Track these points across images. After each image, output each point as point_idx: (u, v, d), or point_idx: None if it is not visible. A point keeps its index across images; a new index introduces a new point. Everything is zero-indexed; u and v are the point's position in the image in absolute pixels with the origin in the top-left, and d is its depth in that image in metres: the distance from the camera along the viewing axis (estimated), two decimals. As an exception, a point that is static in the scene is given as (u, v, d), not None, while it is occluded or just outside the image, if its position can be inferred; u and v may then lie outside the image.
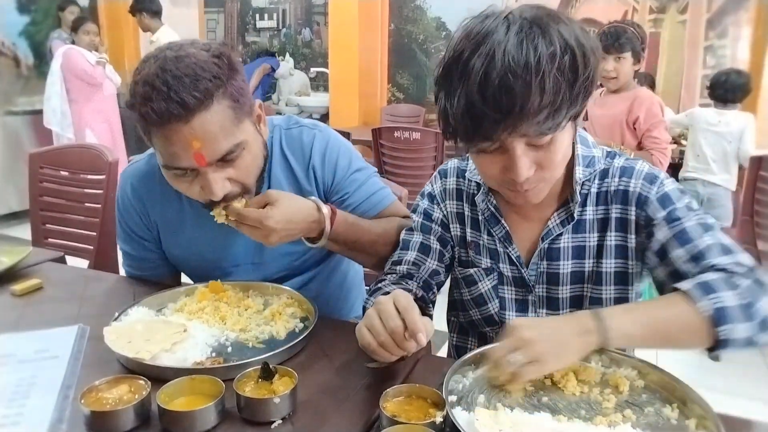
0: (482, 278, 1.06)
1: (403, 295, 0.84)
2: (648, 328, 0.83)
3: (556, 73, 0.78)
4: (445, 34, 5.41)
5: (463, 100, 0.80)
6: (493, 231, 1.04)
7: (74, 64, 4.23)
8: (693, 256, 0.89)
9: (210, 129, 0.92)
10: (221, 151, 0.95)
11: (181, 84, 0.89)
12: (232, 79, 0.96)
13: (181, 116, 0.89)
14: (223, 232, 1.12)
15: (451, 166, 1.12)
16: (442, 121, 0.87)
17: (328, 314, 1.31)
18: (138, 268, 1.29)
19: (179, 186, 1.01)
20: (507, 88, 0.77)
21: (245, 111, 0.99)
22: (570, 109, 0.82)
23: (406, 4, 5.53)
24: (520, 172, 0.84)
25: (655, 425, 0.76)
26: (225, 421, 0.77)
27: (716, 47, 4.37)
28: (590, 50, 0.81)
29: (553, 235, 1.00)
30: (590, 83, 0.82)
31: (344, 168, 1.18)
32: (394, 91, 5.74)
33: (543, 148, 0.85)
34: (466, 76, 0.80)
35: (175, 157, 0.94)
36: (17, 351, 0.94)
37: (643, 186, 0.96)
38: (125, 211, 1.22)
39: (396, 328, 0.79)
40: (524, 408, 0.79)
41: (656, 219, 0.93)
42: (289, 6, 6.15)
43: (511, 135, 0.81)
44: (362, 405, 0.82)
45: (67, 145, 3.78)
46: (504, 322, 1.06)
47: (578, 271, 1.00)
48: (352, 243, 1.13)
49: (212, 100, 0.92)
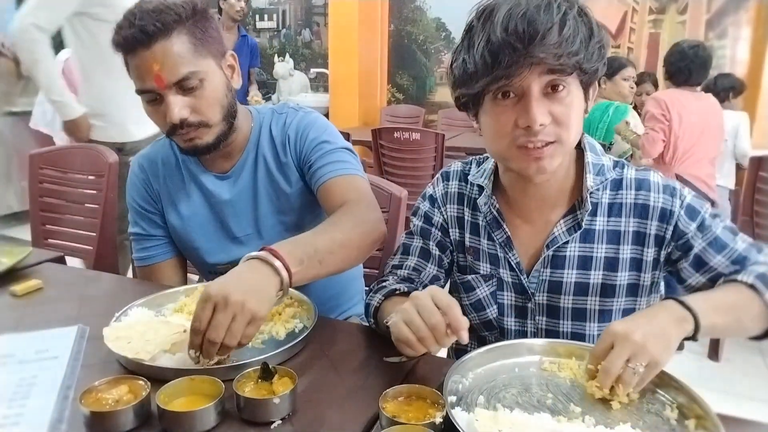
0: (480, 285, 1.05)
1: (440, 291, 0.83)
2: (728, 316, 0.87)
3: (576, 17, 0.84)
4: (444, 35, 5.41)
5: (484, 41, 0.84)
6: (494, 235, 1.03)
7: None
8: (734, 260, 0.94)
9: (168, 54, 1.07)
10: (178, 75, 1.08)
11: (147, 15, 1.06)
12: (197, 21, 1.12)
13: (143, 42, 1.06)
14: (221, 204, 1.27)
15: (454, 169, 1.11)
16: (458, 75, 0.90)
17: (327, 301, 1.35)
18: (147, 251, 1.33)
19: (152, 114, 1.15)
20: (530, 21, 0.81)
21: (209, 50, 1.13)
22: (585, 61, 0.85)
23: (406, 5, 5.54)
24: (536, 116, 0.85)
25: (655, 425, 0.76)
26: (225, 421, 0.77)
27: (716, 47, 4.37)
28: (601, 29, 0.88)
29: (559, 242, 0.99)
30: (602, 47, 0.87)
31: (313, 139, 1.25)
32: (393, 92, 5.75)
33: (557, 99, 0.87)
34: (489, 23, 0.84)
35: (141, 80, 1.10)
36: (17, 351, 0.94)
37: (665, 200, 0.96)
38: (133, 187, 1.33)
39: (438, 324, 0.79)
40: (524, 408, 0.79)
41: (689, 232, 0.95)
42: (288, 7, 6.15)
43: (531, 68, 0.83)
44: (362, 405, 0.82)
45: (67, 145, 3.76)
46: (503, 327, 1.05)
47: (583, 281, 0.99)
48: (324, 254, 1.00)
49: (172, 31, 1.08)
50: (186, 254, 1.36)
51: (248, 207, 1.28)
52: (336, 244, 1.02)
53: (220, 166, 1.27)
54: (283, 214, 1.28)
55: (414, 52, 5.59)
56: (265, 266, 0.90)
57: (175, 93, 1.10)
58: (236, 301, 0.83)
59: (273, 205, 1.28)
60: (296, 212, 1.28)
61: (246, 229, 1.28)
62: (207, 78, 1.12)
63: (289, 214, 1.27)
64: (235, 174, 1.27)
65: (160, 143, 1.33)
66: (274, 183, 1.27)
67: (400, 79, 5.70)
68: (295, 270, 0.92)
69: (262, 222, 1.28)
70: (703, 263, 0.95)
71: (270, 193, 1.27)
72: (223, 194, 1.27)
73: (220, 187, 1.27)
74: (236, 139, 1.24)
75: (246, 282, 0.87)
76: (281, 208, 1.28)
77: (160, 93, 1.09)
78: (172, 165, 1.31)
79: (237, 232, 1.28)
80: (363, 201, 1.15)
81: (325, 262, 0.99)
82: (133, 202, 1.33)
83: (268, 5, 6.24)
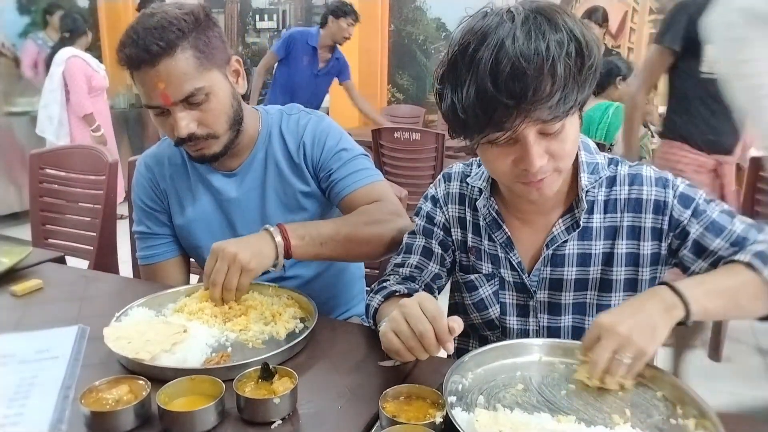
0: (483, 284, 1.06)
1: (428, 299, 0.84)
2: (721, 299, 0.87)
3: (566, 58, 0.79)
4: (444, 35, 5.41)
5: (473, 91, 0.80)
6: (495, 236, 1.04)
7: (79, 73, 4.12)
8: (734, 241, 0.93)
9: (173, 73, 1.07)
10: (183, 92, 1.09)
11: (149, 34, 1.06)
12: (200, 33, 1.11)
13: (147, 61, 1.07)
14: (227, 202, 1.29)
15: (456, 170, 1.12)
16: (450, 116, 0.86)
17: (328, 300, 1.37)
18: (151, 249, 1.33)
19: (160, 125, 1.17)
20: (519, 75, 0.78)
21: (213, 62, 1.13)
22: (579, 94, 0.83)
23: (406, 5, 5.54)
24: (534, 160, 0.84)
25: (655, 425, 0.76)
26: (225, 421, 0.78)
27: (716, 48, 4.37)
28: (592, 41, 0.83)
29: (558, 241, 0.99)
30: (595, 70, 0.84)
31: (331, 147, 1.26)
32: (393, 92, 5.75)
33: (554, 136, 0.85)
34: (474, 66, 0.80)
35: (148, 96, 1.11)
36: (17, 351, 0.94)
37: (657, 192, 0.97)
38: (139, 186, 1.34)
39: (425, 332, 0.79)
40: (524, 408, 0.79)
41: (684, 219, 0.95)
42: (289, 7, 6.15)
43: (524, 122, 0.81)
44: (362, 405, 0.82)
45: (67, 145, 3.76)
46: (505, 327, 1.06)
47: (582, 278, 1.00)
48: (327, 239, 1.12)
49: (176, 48, 1.07)
50: (190, 252, 1.37)
51: (255, 205, 1.29)
52: (341, 234, 1.12)
53: (228, 164, 1.27)
54: (290, 213, 1.28)
55: (414, 52, 5.59)
56: (267, 234, 1.07)
57: (182, 109, 1.11)
58: (230, 252, 1.01)
59: (281, 203, 1.28)
60: (305, 211, 1.29)
61: (252, 227, 1.27)
62: (212, 91, 1.13)
63: (297, 212, 1.28)
64: (243, 172, 1.28)
65: (166, 142, 1.33)
66: (284, 181, 1.28)
67: (400, 79, 5.70)
68: (295, 243, 1.08)
69: (269, 220, 1.26)
70: (703, 248, 0.95)
71: (279, 191, 1.28)
72: (231, 192, 1.28)
73: (228, 185, 1.28)
74: (243, 139, 1.25)
75: (243, 241, 1.06)
76: (289, 207, 1.28)
77: (167, 108, 1.11)
78: (179, 164, 1.32)
79: (243, 230, 1.28)
80: (384, 205, 1.20)
81: (327, 246, 1.11)
82: (139, 200, 1.34)
83: (268, 5, 6.24)
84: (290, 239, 1.07)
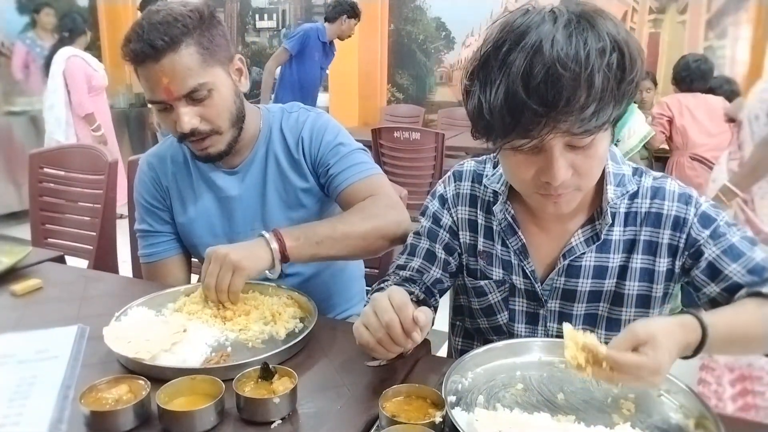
0: (492, 290, 1.03)
1: (397, 291, 0.83)
2: (739, 346, 0.87)
3: (605, 69, 0.74)
4: (444, 34, 5.41)
5: (502, 92, 0.76)
6: (509, 242, 1.00)
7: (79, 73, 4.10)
8: (751, 269, 0.89)
9: (177, 68, 1.09)
10: (186, 87, 1.10)
11: (154, 30, 1.07)
12: (204, 30, 1.13)
13: (152, 56, 1.08)
14: (229, 199, 1.29)
15: (467, 168, 1.07)
16: (475, 116, 0.82)
17: (328, 298, 1.37)
18: (153, 247, 1.33)
19: (163, 121, 1.18)
20: (554, 80, 0.73)
21: (217, 59, 1.15)
22: (615, 109, 0.78)
23: (406, 5, 5.54)
24: (557, 174, 0.80)
25: (655, 425, 0.76)
26: (225, 421, 0.77)
27: (716, 48, 4.38)
28: (636, 51, 0.78)
29: (576, 253, 0.95)
30: (635, 86, 0.79)
31: (329, 141, 1.27)
32: (393, 92, 5.74)
33: (581, 151, 0.81)
34: (507, 67, 0.75)
35: (151, 91, 1.12)
36: (17, 351, 0.94)
37: (678, 208, 0.93)
38: (141, 184, 1.35)
39: (391, 321, 0.79)
40: (524, 408, 0.79)
41: (701, 239, 0.91)
42: (288, 6, 6.15)
43: (552, 131, 0.76)
44: (362, 405, 0.82)
45: (67, 145, 3.75)
46: (513, 333, 1.03)
47: (596, 290, 0.97)
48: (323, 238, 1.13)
49: (180, 44, 1.09)
50: (191, 250, 1.37)
51: (256, 202, 1.29)
52: (337, 231, 1.13)
53: (229, 161, 1.28)
54: (291, 210, 1.29)
55: (414, 51, 5.58)
56: (261, 238, 1.09)
57: (185, 104, 1.12)
58: (221, 253, 1.03)
59: (281, 200, 1.29)
60: (304, 208, 1.29)
61: (252, 225, 1.29)
62: (215, 88, 1.14)
63: (298, 209, 1.29)
64: (244, 169, 1.29)
65: (169, 141, 1.34)
66: (284, 178, 1.28)
67: (400, 79, 5.70)
68: (290, 244, 1.09)
69: (269, 217, 1.29)
70: (717, 272, 0.90)
71: (279, 188, 1.29)
72: (232, 189, 1.29)
73: (229, 182, 1.29)
74: (245, 137, 1.25)
75: (237, 245, 1.10)
76: (290, 204, 1.29)
77: (170, 103, 1.12)
78: (181, 162, 1.32)
79: (243, 228, 1.29)
80: (379, 199, 1.20)
81: (324, 245, 1.12)
82: (141, 199, 1.34)
83: (268, 5, 6.24)
84: (285, 241, 1.08)
